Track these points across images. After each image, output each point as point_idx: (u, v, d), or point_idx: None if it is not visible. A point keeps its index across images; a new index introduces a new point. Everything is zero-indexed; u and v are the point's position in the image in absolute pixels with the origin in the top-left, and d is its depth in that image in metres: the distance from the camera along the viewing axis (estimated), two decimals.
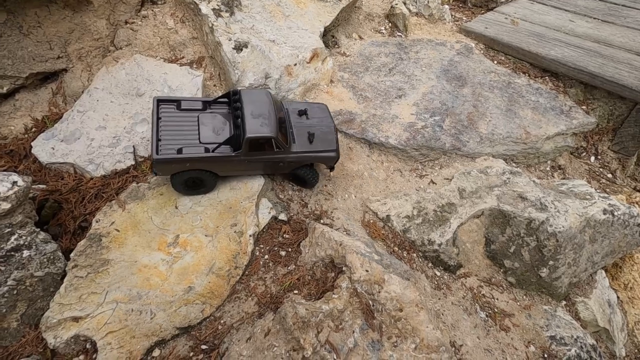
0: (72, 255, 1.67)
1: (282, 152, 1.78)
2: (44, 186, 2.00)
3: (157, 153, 1.65)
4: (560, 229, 1.99)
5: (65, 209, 2.00)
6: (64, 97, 2.36)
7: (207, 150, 1.71)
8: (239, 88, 1.81)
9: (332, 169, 2.04)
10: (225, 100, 1.89)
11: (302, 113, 1.95)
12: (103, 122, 2.18)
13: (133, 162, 2.10)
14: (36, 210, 1.88)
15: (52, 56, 2.27)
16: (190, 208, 1.87)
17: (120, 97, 2.24)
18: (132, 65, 2.31)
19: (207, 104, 1.87)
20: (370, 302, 1.39)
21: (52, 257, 1.65)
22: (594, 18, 3.56)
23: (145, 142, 2.15)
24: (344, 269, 1.49)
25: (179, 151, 1.68)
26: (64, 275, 1.65)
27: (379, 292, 1.39)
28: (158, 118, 1.75)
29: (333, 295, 1.40)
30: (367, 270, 1.42)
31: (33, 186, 1.92)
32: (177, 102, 1.82)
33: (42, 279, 1.60)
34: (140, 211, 1.84)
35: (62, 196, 2.01)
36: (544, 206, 2.07)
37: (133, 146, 2.13)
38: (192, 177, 1.79)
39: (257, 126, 1.67)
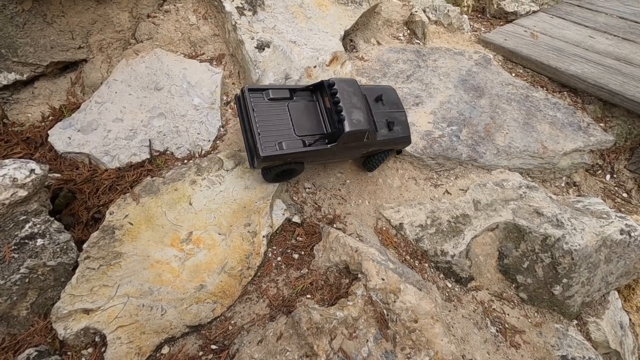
0: (84, 246, 1.66)
1: (369, 141, 1.83)
2: (58, 175, 2.00)
3: (262, 150, 1.62)
4: (576, 247, 1.96)
5: (78, 199, 2.00)
6: (83, 87, 2.37)
7: (304, 144, 1.73)
8: (333, 78, 1.80)
9: (400, 152, 2.13)
10: (310, 88, 1.88)
11: (378, 99, 1.99)
12: (120, 115, 2.18)
13: (148, 156, 2.10)
14: (50, 199, 1.88)
15: (73, 46, 2.28)
16: (205, 205, 1.86)
17: (138, 90, 2.24)
18: (152, 59, 2.31)
19: (292, 92, 1.85)
20: (385, 311, 1.37)
21: (65, 247, 1.64)
22: (614, 35, 3.53)
23: (162, 136, 2.15)
24: (359, 275, 1.47)
25: (280, 146, 1.67)
26: (76, 265, 1.64)
27: (394, 301, 1.37)
28: (252, 109, 1.70)
29: (348, 302, 1.38)
30: (383, 279, 1.40)
31: (49, 175, 1.92)
32: (265, 91, 1.78)
33: (54, 269, 1.60)
34: (154, 206, 1.84)
35: (76, 186, 2.01)
36: (561, 223, 2.04)
37: (149, 140, 2.12)
38: (285, 169, 1.82)
39: (355, 120, 1.71)
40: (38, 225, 1.62)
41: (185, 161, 2.09)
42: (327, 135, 1.78)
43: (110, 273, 1.59)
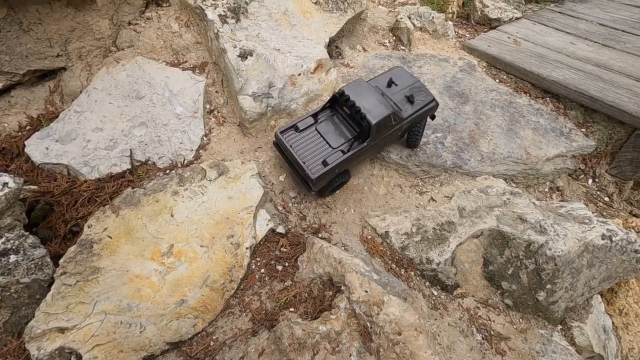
0: (61, 261, 1.61)
1: (398, 122, 1.96)
2: (35, 187, 1.94)
3: (312, 174, 1.81)
4: (559, 253, 1.98)
5: (56, 212, 1.94)
6: (62, 96, 2.31)
7: (343, 152, 1.89)
8: (342, 87, 1.97)
9: (433, 117, 2.20)
10: (327, 106, 2.04)
11: (390, 83, 2.08)
12: (100, 124, 2.13)
13: (129, 166, 2.06)
14: (26, 212, 1.82)
15: (51, 54, 2.22)
16: (187, 217, 1.82)
17: (119, 99, 2.20)
18: (134, 67, 2.27)
19: (315, 117, 2.01)
20: (369, 324, 1.35)
21: (40, 262, 1.59)
22: (595, 42, 3.61)
23: (143, 146, 2.10)
24: (342, 288, 1.45)
25: (324, 163, 1.85)
26: (51, 282, 1.58)
27: (378, 314, 1.36)
28: (290, 146, 1.90)
29: (331, 316, 1.36)
30: (366, 291, 1.38)
31: (24, 187, 1.87)
32: (294, 126, 1.96)
33: (29, 286, 1.54)
34: (135, 218, 1.79)
35: (53, 198, 1.95)
36: (544, 229, 2.06)
37: (130, 150, 2.08)
38: (337, 181, 2.01)
39: (376, 110, 1.87)
40: (11, 241, 1.57)
41: (168, 171, 2.05)
42: (358, 136, 1.93)
43: (88, 289, 1.54)
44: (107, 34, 2.32)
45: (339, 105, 2.00)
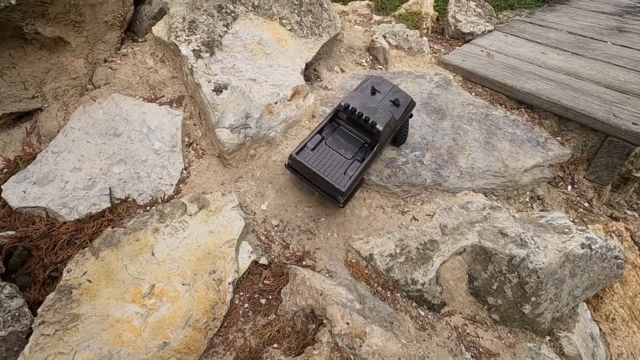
0: (39, 310, 1.59)
1: (395, 124, 2.16)
2: (13, 232, 1.92)
3: (342, 187, 1.90)
4: (540, 265, 2.01)
5: (35, 256, 1.92)
6: (39, 137, 2.31)
7: (359, 161, 2.01)
8: (344, 101, 2.09)
9: (411, 115, 2.39)
10: (329, 119, 2.16)
11: (374, 91, 2.20)
12: (78, 163, 2.13)
13: (109, 205, 2.05)
14: (3, 259, 1.80)
15: (26, 96, 2.23)
16: (168, 254, 1.81)
17: (97, 137, 2.20)
18: (110, 104, 2.28)
19: (321, 133, 2.10)
20: (352, 356, 1.35)
21: (17, 314, 1.56)
22: (565, 50, 3.73)
23: (122, 183, 2.10)
24: (324, 321, 1.45)
25: (347, 174, 1.95)
26: (29, 333, 1.55)
27: (361, 346, 1.36)
28: (309, 165, 1.95)
29: (314, 351, 1.36)
30: (348, 323, 1.39)
31: (1, 234, 1.85)
32: (304, 146, 2.04)
33: (5, 339, 1.51)
34: (115, 259, 1.78)
35: (32, 243, 1.93)
36: (524, 242, 2.09)
37: (109, 188, 2.08)
38: (356, 189, 2.16)
39: (380, 117, 2.02)
40: None
41: (148, 208, 2.05)
42: (367, 143, 2.08)
43: (67, 338, 1.52)
44: (83, 72, 2.33)
45: (339, 117, 2.12)
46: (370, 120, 1.99)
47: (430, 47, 3.84)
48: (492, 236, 2.14)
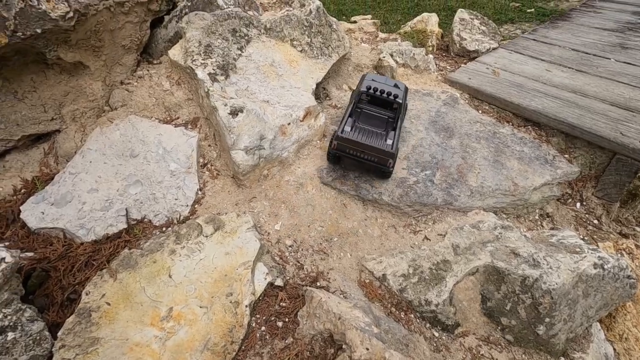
0: (59, 334, 1.60)
1: (403, 100, 2.48)
2: (31, 254, 1.94)
3: (392, 150, 2.16)
4: (554, 286, 2.01)
5: (53, 278, 1.94)
6: (56, 158, 2.35)
7: (393, 129, 2.32)
8: (365, 84, 2.41)
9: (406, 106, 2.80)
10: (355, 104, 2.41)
11: (375, 81, 2.50)
12: (95, 185, 2.16)
13: (125, 226, 2.08)
14: (22, 281, 1.82)
15: (45, 118, 2.28)
16: (185, 276, 1.83)
17: (114, 158, 2.24)
18: (127, 126, 2.33)
19: (351, 117, 2.36)
20: None
21: (38, 337, 1.58)
22: (569, 67, 3.78)
23: (139, 204, 2.13)
24: (343, 346, 1.46)
25: (390, 141, 2.22)
26: (50, 356, 1.57)
27: None
28: (359, 140, 2.16)
29: None
30: (367, 349, 1.40)
31: (21, 255, 1.87)
32: (342, 128, 2.25)
33: None
34: (133, 281, 1.80)
35: (50, 264, 1.96)
36: (537, 262, 2.10)
37: (126, 209, 2.11)
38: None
39: (396, 92, 2.40)
40: (9, 317, 1.56)
41: (164, 228, 2.08)
42: (392, 117, 2.36)
43: None
44: (100, 94, 2.39)
45: (361, 103, 2.39)
46: (393, 94, 2.31)
47: (437, 65, 3.91)
48: (504, 256, 2.15)
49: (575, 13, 5.42)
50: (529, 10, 6.14)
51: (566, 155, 2.99)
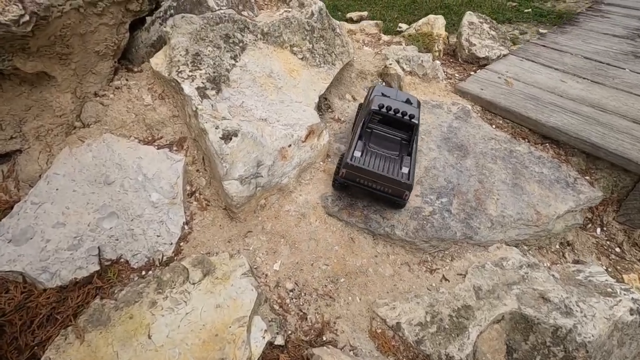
0: None
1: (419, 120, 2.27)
2: None
3: (408, 181, 1.91)
4: (590, 339, 1.79)
5: (8, 334, 1.62)
6: (17, 182, 2.01)
7: (409, 154, 2.06)
8: (376, 103, 2.09)
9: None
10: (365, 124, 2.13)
11: (384, 95, 2.31)
12: (62, 217, 1.84)
13: (97, 268, 1.77)
14: None
15: (3, 137, 1.94)
16: (167, 337, 1.54)
17: (85, 185, 1.92)
18: (101, 146, 2.00)
19: (361, 139, 2.06)
20: None
21: None
22: (584, 78, 3.56)
23: (114, 241, 1.82)
24: None
25: (404, 170, 1.97)
26: None
27: None
28: (370, 168, 1.90)
29: None
30: None
31: None
32: (352, 154, 1.98)
33: None
34: (104, 344, 1.50)
35: (5, 317, 1.64)
36: (569, 309, 1.87)
37: (98, 247, 1.80)
38: None
39: (411, 111, 2.10)
40: None
41: (143, 272, 1.77)
42: (406, 139, 2.12)
43: None
44: (70, 108, 2.05)
45: (372, 123, 2.13)
46: (408, 114, 2.05)
47: (444, 72, 3.64)
48: (532, 301, 1.91)
49: (583, 17, 5.21)
50: (526, 10, 5.93)
51: (587, 177, 2.77)
